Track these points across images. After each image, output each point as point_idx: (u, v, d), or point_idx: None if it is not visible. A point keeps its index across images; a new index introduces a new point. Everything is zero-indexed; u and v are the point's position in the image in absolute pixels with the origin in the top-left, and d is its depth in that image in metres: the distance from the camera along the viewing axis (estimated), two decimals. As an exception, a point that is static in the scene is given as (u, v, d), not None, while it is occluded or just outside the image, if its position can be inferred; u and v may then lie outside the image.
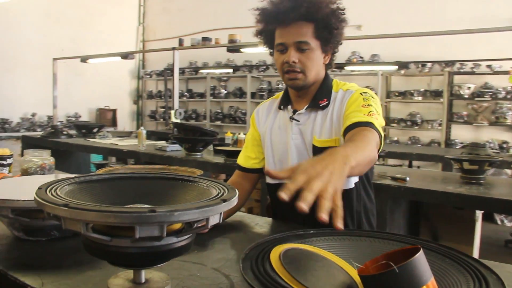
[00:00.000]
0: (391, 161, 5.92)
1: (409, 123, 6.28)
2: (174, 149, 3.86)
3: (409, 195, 2.40)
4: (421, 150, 4.53)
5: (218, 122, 8.46)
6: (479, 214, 2.69)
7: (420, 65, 6.21)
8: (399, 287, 0.65)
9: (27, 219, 1.22)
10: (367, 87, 6.47)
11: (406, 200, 2.56)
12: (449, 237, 2.70)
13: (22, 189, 1.38)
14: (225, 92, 8.45)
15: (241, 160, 1.76)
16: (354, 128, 1.36)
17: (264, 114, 1.73)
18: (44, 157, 1.98)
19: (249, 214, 1.72)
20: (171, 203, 1.02)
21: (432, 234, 2.78)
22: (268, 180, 1.68)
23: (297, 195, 1.52)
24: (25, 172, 1.93)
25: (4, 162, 2.14)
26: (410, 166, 4.94)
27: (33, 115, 7.56)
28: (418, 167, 5.23)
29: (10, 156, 2.17)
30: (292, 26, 1.48)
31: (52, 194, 0.89)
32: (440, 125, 6.12)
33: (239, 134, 4.13)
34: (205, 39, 4.19)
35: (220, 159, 3.37)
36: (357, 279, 0.76)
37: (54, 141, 4.58)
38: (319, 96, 1.56)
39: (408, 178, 2.46)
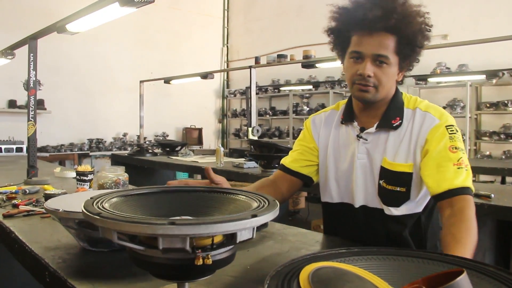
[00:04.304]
0: (482, 177, 5.51)
1: (502, 136, 5.81)
2: (251, 166, 3.90)
3: (495, 214, 2.20)
4: (514, 165, 4.16)
5: (301, 139, 8.43)
6: None
7: (514, 73, 5.75)
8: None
9: (89, 230, 1.28)
10: (454, 99, 6.11)
11: (492, 219, 2.35)
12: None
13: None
14: (308, 109, 8.41)
15: (286, 160, 1.64)
16: (450, 197, 1.27)
17: (322, 126, 1.60)
18: (118, 173, 2.08)
19: (313, 232, 1.66)
20: (210, 215, 1.02)
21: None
22: (327, 198, 1.58)
23: (348, 214, 1.47)
24: (101, 187, 2.04)
25: (86, 178, 2.27)
26: (503, 182, 4.54)
27: (125, 134, 8.05)
28: (512, 183, 4.81)
29: (91, 173, 2.30)
30: (374, 36, 1.33)
31: (98, 206, 0.92)
32: (539, 138, 5.61)
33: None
34: (280, 56, 4.21)
35: (294, 176, 3.34)
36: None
37: (140, 159, 4.83)
38: (391, 114, 1.43)
39: (493, 195, 2.26)
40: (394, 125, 1.41)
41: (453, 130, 1.36)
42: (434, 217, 1.48)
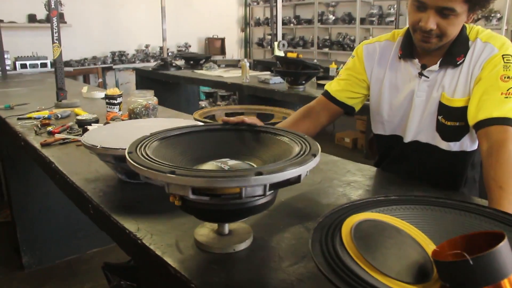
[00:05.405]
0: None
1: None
2: (277, 81, 3.86)
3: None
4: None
5: (326, 49, 8.22)
6: None
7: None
8: (473, 278, 0.60)
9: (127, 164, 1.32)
10: (490, 10, 5.73)
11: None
12: None
13: (123, 135, 1.49)
14: (333, 18, 8.10)
15: (332, 88, 1.57)
16: (487, 127, 1.21)
17: (376, 60, 1.50)
18: (148, 97, 2.09)
19: (343, 160, 1.66)
20: (255, 157, 1.03)
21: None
22: (379, 131, 1.56)
23: (397, 146, 1.46)
24: (132, 112, 2.06)
25: (115, 101, 2.30)
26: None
27: (147, 46, 7.94)
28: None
29: (120, 96, 2.32)
30: None
31: (141, 154, 0.94)
32: None
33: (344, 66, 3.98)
34: (307, -34, 3.98)
35: (322, 93, 3.30)
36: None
37: (164, 74, 4.80)
38: (455, 51, 1.33)
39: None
40: (458, 62, 1.34)
41: (509, 60, 1.27)
42: (477, 150, 1.45)
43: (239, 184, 0.79)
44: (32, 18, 6.63)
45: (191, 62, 5.34)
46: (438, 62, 1.36)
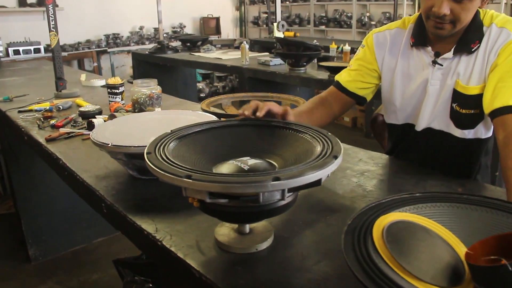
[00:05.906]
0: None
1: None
2: (277, 63, 3.81)
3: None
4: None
5: (323, 27, 8.12)
6: None
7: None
8: (509, 283, 0.60)
9: (139, 160, 1.30)
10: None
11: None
12: None
13: (132, 130, 1.47)
14: (329, -7, 8.00)
15: (343, 78, 1.55)
16: (502, 115, 1.18)
17: (387, 49, 1.48)
18: (151, 87, 2.06)
19: (353, 147, 1.65)
20: (276, 155, 1.02)
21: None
22: (392, 120, 1.54)
23: (416, 139, 1.45)
24: (136, 102, 2.03)
25: (117, 91, 2.26)
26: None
27: (141, 28, 7.81)
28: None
29: (122, 85, 2.28)
30: None
31: (160, 156, 0.92)
32: None
33: (344, 45, 3.93)
34: None
35: (324, 75, 3.28)
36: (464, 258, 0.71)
37: (161, 57, 4.73)
38: (470, 38, 1.30)
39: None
40: (473, 49, 1.30)
41: None
42: (491, 137, 1.43)
43: (257, 190, 0.78)
44: (22, 2, 6.49)
45: (188, 44, 5.26)
46: (452, 50, 1.33)
